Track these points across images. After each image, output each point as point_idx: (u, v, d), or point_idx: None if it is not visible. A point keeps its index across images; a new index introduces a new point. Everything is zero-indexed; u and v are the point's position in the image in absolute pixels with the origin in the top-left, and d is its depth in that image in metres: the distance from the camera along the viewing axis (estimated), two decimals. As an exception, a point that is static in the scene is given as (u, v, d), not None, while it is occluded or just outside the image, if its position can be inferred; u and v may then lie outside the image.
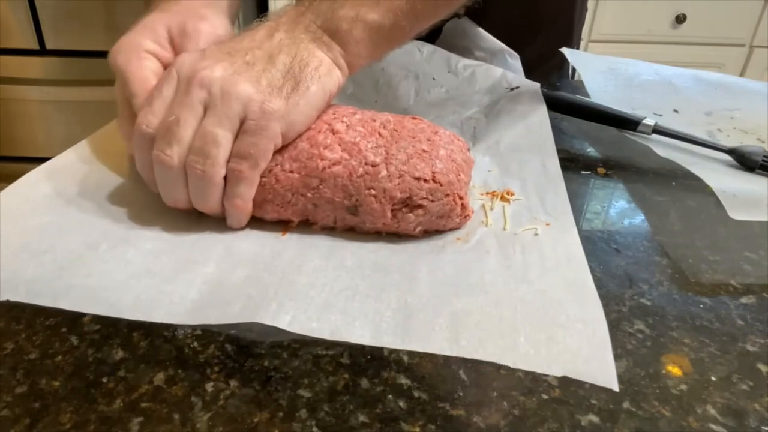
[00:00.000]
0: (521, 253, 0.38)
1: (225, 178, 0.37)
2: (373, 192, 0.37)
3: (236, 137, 0.36)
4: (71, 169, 0.44)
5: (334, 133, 0.39)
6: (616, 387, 0.28)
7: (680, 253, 0.40)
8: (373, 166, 0.38)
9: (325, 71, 0.39)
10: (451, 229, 0.40)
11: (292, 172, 0.38)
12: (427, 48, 0.69)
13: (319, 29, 0.40)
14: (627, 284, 0.36)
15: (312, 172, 0.38)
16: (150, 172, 0.38)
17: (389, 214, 0.38)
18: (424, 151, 0.39)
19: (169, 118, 0.35)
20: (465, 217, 0.40)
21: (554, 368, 0.29)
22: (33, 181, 0.42)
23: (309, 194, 0.38)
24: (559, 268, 0.36)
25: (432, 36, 0.70)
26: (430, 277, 0.35)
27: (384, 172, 0.37)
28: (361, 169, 0.38)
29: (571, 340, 0.30)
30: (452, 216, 0.39)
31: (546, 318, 0.32)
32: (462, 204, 0.39)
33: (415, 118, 0.43)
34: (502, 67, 0.65)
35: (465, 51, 0.69)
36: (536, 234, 0.40)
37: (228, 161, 0.36)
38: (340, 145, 0.38)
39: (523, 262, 0.37)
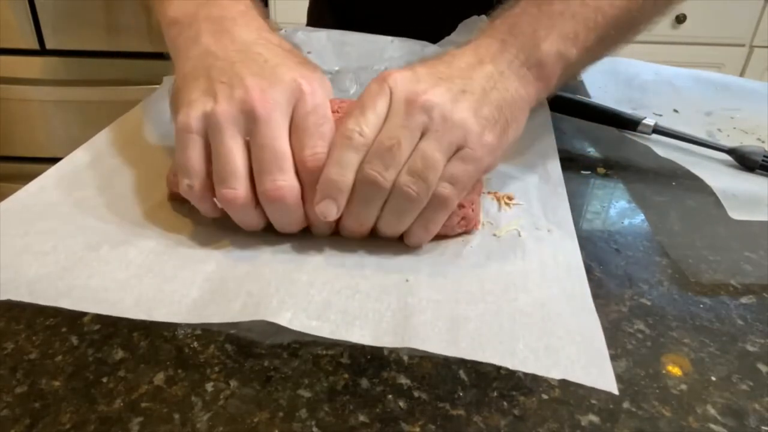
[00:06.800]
0: (521, 259, 0.37)
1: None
2: None
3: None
4: (73, 174, 0.44)
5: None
6: (615, 391, 0.28)
7: (680, 253, 0.40)
8: None
9: (525, 115, 0.40)
10: (456, 235, 0.40)
11: None
12: (430, 48, 0.69)
13: (522, 66, 0.40)
14: (627, 284, 0.36)
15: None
16: (346, 183, 0.35)
17: None
18: None
19: (389, 139, 0.34)
20: (473, 226, 0.40)
21: (553, 372, 0.29)
22: (36, 187, 0.43)
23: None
24: (559, 279, 0.36)
25: (440, 32, 0.70)
26: (430, 280, 0.35)
27: None
28: None
29: (569, 349, 0.30)
30: (455, 227, 0.39)
31: (544, 330, 0.32)
32: (469, 211, 0.39)
33: None
34: None
35: None
36: (533, 239, 0.39)
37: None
38: None
39: (522, 269, 0.37)
